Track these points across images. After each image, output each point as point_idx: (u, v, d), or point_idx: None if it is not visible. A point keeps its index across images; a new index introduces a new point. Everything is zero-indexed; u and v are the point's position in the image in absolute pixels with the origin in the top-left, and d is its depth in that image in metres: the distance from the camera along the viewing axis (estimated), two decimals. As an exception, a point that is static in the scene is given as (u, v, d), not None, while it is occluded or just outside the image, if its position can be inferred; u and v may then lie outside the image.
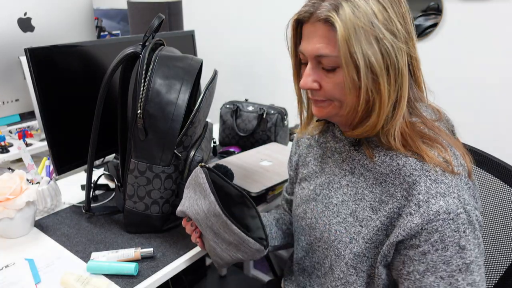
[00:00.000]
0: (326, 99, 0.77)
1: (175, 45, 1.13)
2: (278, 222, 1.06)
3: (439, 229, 0.69)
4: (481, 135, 1.57)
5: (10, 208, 1.00)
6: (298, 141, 1.01)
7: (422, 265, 0.72)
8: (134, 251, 0.97)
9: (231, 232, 0.84)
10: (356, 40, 0.68)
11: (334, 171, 0.86)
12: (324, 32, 0.72)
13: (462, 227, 0.69)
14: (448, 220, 0.69)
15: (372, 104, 0.73)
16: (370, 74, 0.70)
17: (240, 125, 1.64)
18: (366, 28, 0.68)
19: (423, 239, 0.71)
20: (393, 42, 0.70)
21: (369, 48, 0.69)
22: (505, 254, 0.95)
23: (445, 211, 0.69)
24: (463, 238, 0.69)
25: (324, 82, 0.75)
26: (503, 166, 0.97)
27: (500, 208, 0.97)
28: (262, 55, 2.14)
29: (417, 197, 0.71)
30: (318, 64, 0.75)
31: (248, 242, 0.84)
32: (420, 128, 0.76)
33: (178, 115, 0.95)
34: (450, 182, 0.71)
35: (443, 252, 0.70)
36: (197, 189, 0.88)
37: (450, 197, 0.69)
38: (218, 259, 0.91)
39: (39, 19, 1.53)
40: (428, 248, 0.71)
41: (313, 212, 0.88)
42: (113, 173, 1.31)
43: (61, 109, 1.10)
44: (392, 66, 0.71)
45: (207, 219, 0.86)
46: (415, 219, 0.71)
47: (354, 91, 0.72)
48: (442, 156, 0.73)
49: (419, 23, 1.61)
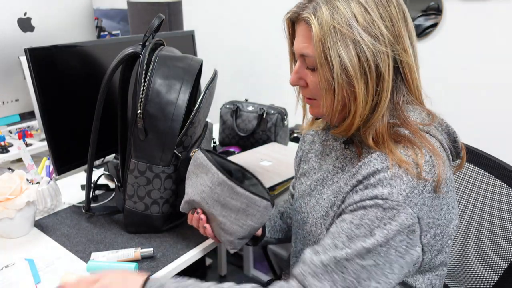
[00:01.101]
0: (312, 97, 0.80)
1: (175, 45, 1.13)
2: (283, 216, 1.09)
3: (367, 208, 0.70)
4: (481, 135, 1.57)
5: (10, 208, 1.00)
6: (304, 137, 1.03)
7: (333, 228, 0.74)
8: (134, 251, 0.97)
9: (237, 195, 0.87)
10: (332, 42, 0.69)
11: (329, 168, 0.87)
12: (306, 33, 0.74)
13: (387, 220, 0.68)
14: (379, 206, 0.69)
15: (349, 106, 0.74)
16: (345, 77, 0.71)
17: (240, 125, 1.64)
18: (343, 30, 0.69)
19: (350, 209, 0.73)
20: (373, 45, 0.69)
21: (345, 51, 0.69)
22: (504, 255, 0.95)
23: (383, 197, 0.69)
24: (380, 229, 0.68)
25: (308, 80, 0.78)
26: (503, 166, 0.97)
27: (500, 208, 0.97)
28: (262, 55, 2.14)
29: (369, 181, 0.72)
30: (304, 63, 0.78)
31: (255, 201, 0.87)
32: (397, 130, 0.75)
33: (178, 115, 0.95)
34: (408, 181, 0.69)
35: (354, 227, 0.70)
36: (197, 171, 0.93)
37: (397, 191, 0.68)
38: (229, 236, 0.91)
39: (39, 19, 1.53)
40: (347, 217, 0.72)
41: (307, 206, 0.90)
42: (113, 173, 1.31)
43: (61, 109, 1.11)
44: (371, 70, 0.70)
45: (213, 192, 0.89)
46: (356, 196, 0.73)
47: (330, 92, 0.74)
48: (414, 159, 0.71)
49: (419, 23, 1.61)
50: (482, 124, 1.57)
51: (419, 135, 0.74)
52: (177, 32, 1.56)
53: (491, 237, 0.99)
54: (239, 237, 0.91)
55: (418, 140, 0.74)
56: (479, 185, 1.02)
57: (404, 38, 0.73)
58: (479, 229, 1.03)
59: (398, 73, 0.75)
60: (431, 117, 0.80)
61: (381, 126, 0.74)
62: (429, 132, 0.77)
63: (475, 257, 1.03)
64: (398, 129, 0.76)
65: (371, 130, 0.74)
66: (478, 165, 1.02)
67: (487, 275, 0.98)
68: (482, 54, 1.52)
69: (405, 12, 0.75)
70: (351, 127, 0.76)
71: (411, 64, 0.75)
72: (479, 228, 1.03)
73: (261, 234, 1.03)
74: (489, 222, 1.00)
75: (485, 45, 1.50)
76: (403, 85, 0.76)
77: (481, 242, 1.02)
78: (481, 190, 1.01)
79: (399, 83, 0.76)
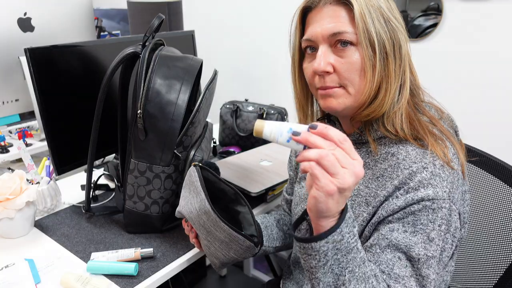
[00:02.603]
0: (338, 85, 0.75)
1: (175, 45, 1.13)
2: (279, 223, 1.06)
3: (416, 213, 0.69)
4: (481, 135, 1.57)
5: (10, 208, 1.00)
6: None
7: (385, 241, 0.71)
8: (134, 251, 0.97)
9: (220, 229, 0.84)
10: (370, 18, 0.71)
11: None
12: (336, 13, 0.74)
13: (439, 221, 0.69)
14: (428, 208, 0.69)
15: (379, 85, 0.74)
16: (384, 53, 0.73)
17: (240, 125, 1.64)
18: (375, 8, 0.72)
19: (397, 216, 0.71)
20: (397, 27, 0.73)
21: (381, 28, 0.72)
22: (505, 255, 0.95)
23: (430, 199, 0.69)
24: (435, 231, 0.68)
25: (338, 63, 0.74)
26: (503, 166, 0.97)
27: (500, 208, 0.97)
28: (262, 55, 2.14)
29: (409, 185, 0.71)
30: (330, 47, 0.75)
31: (238, 239, 0.84)
32: (427, 123, 0.77)
33: (178, 115, 0.95)
34: (446, 177, 0.71)
35: (411, 236, 0.69)
36: (191, 188, 0.89)
37: (441, 190, 0.69)
38: (213, 258, 0.91)
39: (39, 19, 1.53)
40: (398, 227, 0.70)
41: None
42: (113, 173, 1.31)
43: (61, 109, 1.10)
44: (398, 49, 0.73)
45: (199, 217, 0.86)
46: (399, 202, 0.71)
47: (369, 69, 0.73)
48: (444, 153, 0.72)
49: (419, 23, 1.60)
50: (482, 124, 1.57)
51: (442, 128, 0.77)
52: (177, 32, 1.56)
53: (491, 237, 0.99)
54: (222, 263, 0.90)
55: (443, 133, 0.76)
56: (479, 185, 1.02)
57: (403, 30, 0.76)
58: (480, 229, 1.02)
59: None
60: (440, 112, 0.82)
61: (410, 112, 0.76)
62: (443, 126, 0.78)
63: (475, 257, 1.03)
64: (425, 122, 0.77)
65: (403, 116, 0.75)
66: (478, 165, 1.02)
67: (487, 275, 0.98)
68: (482, 54, 1.52)
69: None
70: (383, 105, 0.74)
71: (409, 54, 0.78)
72: (479, 228, 1.03)
73: None
74: (489, 222, 1.00)
75: (485, 45, 1.50)
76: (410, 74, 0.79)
77: (481, 242, 1.02)
78: (481, 190, 1.01)
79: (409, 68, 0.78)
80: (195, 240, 0.95)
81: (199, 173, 0.88)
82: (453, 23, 1.55)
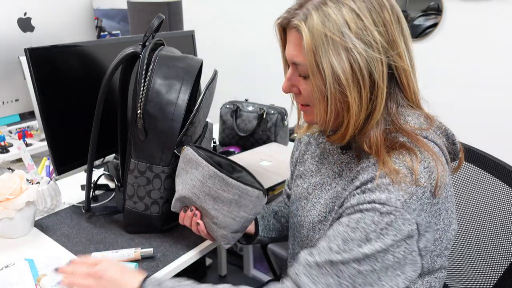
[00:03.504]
0: (306, 104, 0.79)
1: (175, 45, 1.13)
2: (276, 215, 1.08)
3: (364, 212, 0.69)
4: (481, 135, 1.57)
5: (10, 208, 1.00)
6: (300, 138, 1.02)
7: (330, 231, 0.74)
8: (134, 251, 0.97)
9: (229, 187, 0.86)
10: (323, 51, 0.68)
11: (328, 173, 0.87)
12: (297, 40, 0.73)
13: (383, 225, 0.67)
14: (376, 210, 0.68)
15: (342, 115, 0.73)
16: (338, 87, 0.69)
17: (240, 125, 1.64)
18: (335, 38, 0.67)
19: (346, 212, 0.73)
20: (366, 52, 0.68)
21: (337, 59, 0.68)
22: (504, 255, 0.95)
23: (381, 202, 0.68)
24: (376, 234, 0.68)
25: (301, 88, 0.77)
26: (503, 166, 0.97)
27: (500, 208, 0.97)
28: (262, 55, 2.14)
29: (366, 186, 0.71)
30: (296, 70, 0.76)
31: (247, 191, 0.86)
32: (394, 136, 0.74)
33: (178, 115, 0.95)
34: (406, 188, 0.68)
35: (350, 231, 0.70)
36: (187, 167, 0.92)
37: (395, 197, 0.68)
38: (222, 231, 0.91)
39: (39, 19, 1.53)
40: (343, 220, 0.72)
41: (303, 210, 0.89)
42: (113, 173, 1.31)
43: (61, 109, 1.10)
44: (363, 77, 0.69)
45: (204, 186, 0.88)
46: (353, 200, 0.72)
47: (323, 101, 0.72)
48: (409, 167, 0.70)
49: (419, 23, 1.61)
50: (482, 124, 1.57)
51: (416, 140, 0.73)
52: (177, 32, 1.56)
53: (491, 238, 0.99)
54: (232, 231, 0.91)
55: (416, 146, 0.72)
56: (479, 185, 1.02)
57: (398, 43, 0.71)
58: (479, 229, 1.03)
59: (393, 78, 0.73)
60: (429, 121, 0.78)
61: (376, 134, 0.73)
62: (427, 137, 0.75)
63: (475, 257, 1.03)
64: (395, 135, 0.74)
65: (366, 138, 0.74)
66: (478, 165, 1.02)
67: (487, 276, 0.98)
68: (482, 54, 1.52)
69: (399, 16, 0.73)
70: (345, 136, 0.75)
71: (407, 68, 0.73)
72: (479, 228, 1.03)
73: (254, 232, 1.03)
74: (489, 222, 1.00)
75: (485, 45, 1.50)
76: (398, 90, 0.75)
77: (481, 243, 1.02)
78: (481, 190, 1.01)
79: (393, 89, 0.74)
80: (200, 221, 0.93)
81: (194, 149, 0.91)
82: (453, 23, 1.55)
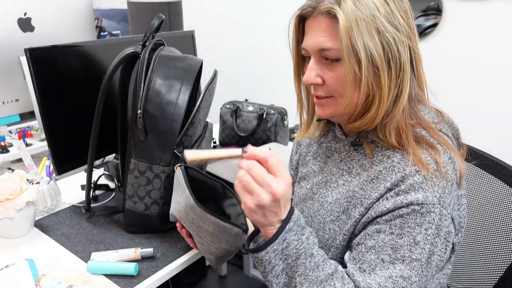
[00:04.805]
0: (328, 96, 0.77)
1: (175, 45, 1.13)
2: None
3: (405, 216, 0.70)
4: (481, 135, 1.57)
5: (10, 208, 1.00)
6: (299, 141, 1.01)
7: (371, 241, 0.72)
8: (134, 251, 0.97)
9: (207, 221, 0.85)
10: (358, 32, 0.69)
11: (332, 170, 0.86)
12: (326, 26, 0.73)
13: (426, 225, 0.69)
14: (417, 212, 0.69)
15: (372, 97, 0.73)
16: (371, 67, 0.71)
17: (240, 125, 1.64)
18: (368, 20, 0.69)
19: (385, 218, 0.72)
20: (395, 35, 0.70)
21: (371, 41, 0.69)
22: (505, 255, 0.95)
23: (419, 203, 0.69)
24: (422, 235, 0.69)
25: (327, 77, 0.76)
26: (503, 166, 0.97)
27: (500, 208, 0.97)
28: (262, 55, 2.14)
29: (400, 188, 0.71)
30: (321, 59, 0.76)
31: (225, 228, 0.84)
32: (417, 130, 0.76)
33: (178, 115, 0.95)
34: (439, 181, 0.70)
35: (397, 238, 0.70)
36: (178, 189, 0.91)
37: (431, 194, 0.69)
38: (208, 255, 0.91)
39: (39, 19, 1.53)
40: (385, 228, 0.71)
41: (310, 210, 0.88)
42: (113, 173, 1.31)
43: (61, 109, 1.10)
44: (394, 60, 0.71)
45: (187, 214, 0.88)
46: (389, 204, 0.72)
47: (355, 84, 0.72)
48: (435, 159, 0.72)
49: (419, 23, 1.60)
50: (482, 123, 1.57)
51: (435, 133, 0.75)
52: (177, 32, 1.56)
53: (492, 237, 0.99)
54: (218, 257, 0.90)
55: (436, 139, 0.75)
56: (480, 185, 1.02)
57: (415, 31, 0.75)
58: (480, 229, 1.02)
59: (411, 65, 0.76)
60: (440, 115, 0.81)
61: (402, 122, 0.74)
62: (441, 130, 0.78)
63: (475, 257, 1.03)
64: (415, 130, 0.76)
65: (393, 126, 0.74)
66: (479, 165, 1.02)
67: (488, 275, 0.98)
68: (482, 54, 1.52)
69: (411, 10, 0.76)
70: (374, 119, 0.74)
71: (421, 57, 0.76)
72: (479, 228, 1.03)
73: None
74: (490, 222, 1.00)
75: (485, 45, 1.50)
76: (414, 77, 0.77)
77: (481, 242, 1.02)
78: (481, 190, 1.01)
79: (411, 76, 0.76)
80: (189, 239, 0.96)
81: (183, 171, 0.91)
82: (453, 23, 1.55)
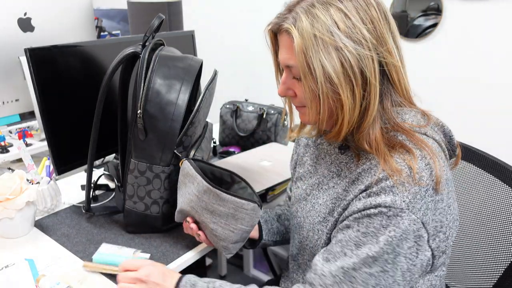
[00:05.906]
0: (302, 105, 0.80)
1: (175, 45, 1.13)
2: (280, 218, 1.09)
3: (372, 216, 0.71)
4: (481, 135, 1.57)
5: (10, 208, 1.00)
6: (298, 140, 1.03)
7: (340, 235, 0.75)
8: (134, 252, 0.98)
9: (223, 201, 0.87)
10: (314, 51, 0.69)
11: (324, 172, 0.88)
12: (288, 43, 0.74)
13: (391, 227, 0.69)
14: (383, 214, 0.70)
15: (336, 112, 0.74)
16: (330, 86, 0.71)
17: (240, 125, 1.64)
18: (324, 38, 0.69)
19: (354, 216, 0.74)
20: (356, 50, 0.69)
21: (328, 58, 0.69)
22: (503, 255, 0.95)
23: (386, 206, 0.69)
24: (385, 236, 0.69)
25: (296, 90, 0.79)
26: (503, 166, 0.97)
27: (500, 208, 0.97)
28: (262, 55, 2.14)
29: (372, 189, 0.72)
30: (290, 73, 0.78)
31: (242, 204, 0.87)
32: (393, 135, 0.75)
33: (178, 115, 0.96)
34: (409, 187, 0.69)
35: (362, 236, 0.71)
36: (186, 180, 0.93)
37: (399, 199, 0.69)
38: (223, 242, 0.92)
39: (39, 19, 1.53)
40: (353, 225, 0.73)
41: (303, 211, 0.90)
42: (113, 173, 1.31)
43: (61, 109, 1.10)
44: (355, 76, 0.70)
45: (200, 200, 0.89)
46: (359, 204, 0.73)
47: (315, 100, 0.74)
48: (409, 165, 0.70)
49: (419, 23, 1.61)
50: (482, 123, 1.57)
51: (415, 138, 0.74)
52: (177, 32, 1.56)
53: (491, 237, 0.99)
54: (232, 242, 0.91)
55: (414, 144, 0.73)
56: (479, 185, 1.02)
57: (387, 39, 0.72)
58: (479, 229, 1.03)
59: (385, 75, 0.74)
60: (427, 118, 0.80)
61: (374, 131, 0.74)
62: (425, 133, 0.77)
63: (475, 257, 1.03)
64: (394, 134, 0.75)
65: (365, 135, 0.74)
66: (478, 165, 1.02)
67: (487, 275, 0.98)
68: (481, 54, 1.52)
69: (386, 13, 0.74)
70: (340, 134, 0.76)
71: (397, 64, 0.74)
72: (479, 228, 1.03)
73: (258, 237, 1.03)
74: (489, 222, 1.00)
75: (485, 45, 1.50)
76: (390, 86, 0.76)
77: (481, 242, 1.02)
78: (481, 190, 1.02)
79: (386, 86, 0.75)
80: (200, 232, 0.95)
81: (191, 163, 0.93)
82: (453, 23, 1.55)
